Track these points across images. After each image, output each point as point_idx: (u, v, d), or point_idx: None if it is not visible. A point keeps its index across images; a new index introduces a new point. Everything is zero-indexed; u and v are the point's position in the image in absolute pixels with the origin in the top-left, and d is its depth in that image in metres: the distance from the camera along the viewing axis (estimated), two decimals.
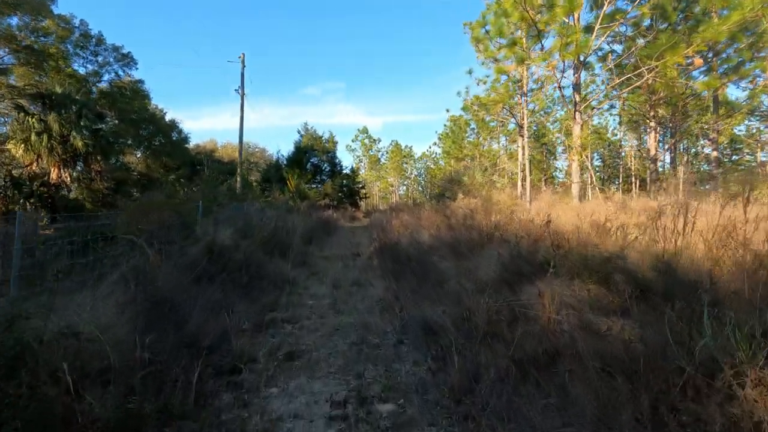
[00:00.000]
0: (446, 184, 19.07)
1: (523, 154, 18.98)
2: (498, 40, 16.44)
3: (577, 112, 12.60)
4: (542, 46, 11.82)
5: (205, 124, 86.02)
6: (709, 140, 30.24)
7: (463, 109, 31.46)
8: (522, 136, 19.29)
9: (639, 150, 21.66)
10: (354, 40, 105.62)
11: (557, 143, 37.26)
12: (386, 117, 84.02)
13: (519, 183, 18.89)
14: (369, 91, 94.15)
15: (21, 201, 17.21)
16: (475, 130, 32.25)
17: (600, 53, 16.37)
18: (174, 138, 30.16)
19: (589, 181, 12.48)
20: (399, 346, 3.76)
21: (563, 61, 11.26)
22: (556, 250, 5.04)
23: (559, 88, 12.43)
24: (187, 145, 31.87)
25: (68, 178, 19.31)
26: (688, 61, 11.77)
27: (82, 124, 19.18)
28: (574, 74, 12.51)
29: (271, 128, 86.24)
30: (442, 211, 11.76)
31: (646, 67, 12.21)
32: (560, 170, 46.14)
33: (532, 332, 3.63)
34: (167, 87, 72.72)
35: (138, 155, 28.49)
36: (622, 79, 12.56)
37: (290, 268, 6.58)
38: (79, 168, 21.02)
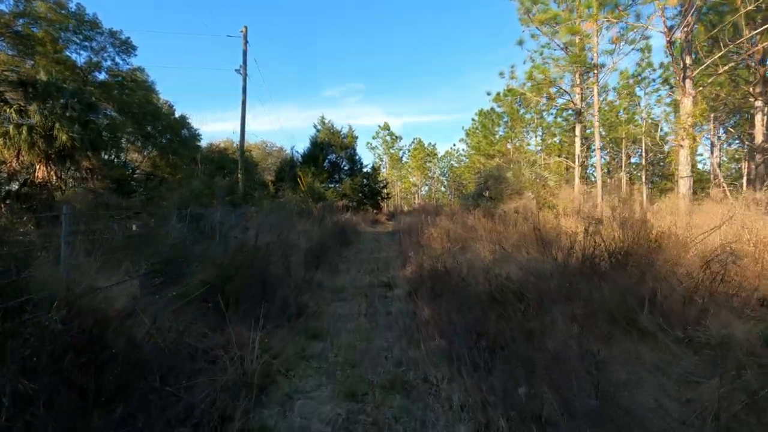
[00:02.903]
0: (487, 181, 15.38)
1: (582, 144, 15.12)
2: None
3: (687, 80, 8.76)
4: None
5: (225, 126, 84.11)
6: None
7: (495, 100, 27.62)
8: (580, 122, 15.43)
9: (747, 143, 17.27)
10: (373, 40, 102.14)
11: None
12: (406, 117, 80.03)
13: (576, 180, 15.03)
14: (389, 91, 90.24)
15: None
16: (508, 124, 28.26)
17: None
18: (184, 136, 27.43)
19: (713, 177, 8.64)
20: None
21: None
22: None
23: (669, 44, 8.58)
24: (198, 144, 29.09)
25: (54, 177, 16.49)
26: None
27: (68, 115, 16.25)
28: (682, 29, 8.70)
29: (292, 130, 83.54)
30: (506, 218, 8.14)
31: None
32: (594, 166, 41.38)
33: None
34: (180, 87, 70.94)
35: (146, 153, 25.80)
36: (754, 33, 8.67)
37: (264, 334, 3.10)
38: (70, 165, 18.08)
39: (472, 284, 4.85)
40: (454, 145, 56.84)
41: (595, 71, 11.98)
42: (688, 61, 8.74)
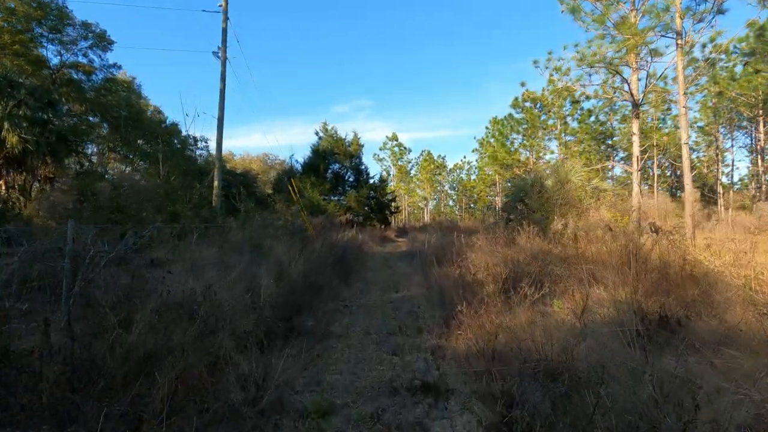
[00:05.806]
0: (521, 190, 12.07)
1: (639, 146, 11.78)
2: None
3: None
4: None
5: (233, 142, 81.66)
6: None
7: (514, 105, 24.55)
8: (637, 117, 12.14)
9: None
10: (382, 56, 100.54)
11: (620, 145, 28.63)
12: (415, 133, 77.30)
13: (635, 189, 11.67)
14: (397, 107, 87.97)
15: None
16: (528, 131, 25.00)
17: None
18: (177, 146, 24.44)
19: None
20: None
21: None
22: None
23: None
24: (192, 154, 26.07)
25: (3, 186, 13.38)
26: None
27: (21, 113, 13.16)
28: None
29: (299, 146, 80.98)
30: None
31: None
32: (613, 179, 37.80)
33: None
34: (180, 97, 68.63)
35: (140, 164, 22.80)
36: None
37: None
38: (24, 173, 14.87)
39: None
40: (465, 157, 53.64)
41: (678, 42, 8.78)
42: None
